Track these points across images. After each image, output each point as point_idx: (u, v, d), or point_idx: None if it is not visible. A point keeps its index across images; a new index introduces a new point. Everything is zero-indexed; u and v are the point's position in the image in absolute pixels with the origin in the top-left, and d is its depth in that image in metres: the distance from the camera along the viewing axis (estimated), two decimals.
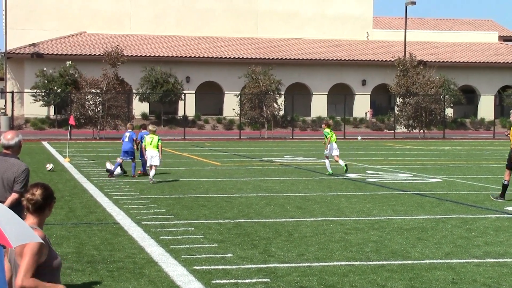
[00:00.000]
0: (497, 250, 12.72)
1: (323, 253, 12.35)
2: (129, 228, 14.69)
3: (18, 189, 9.04)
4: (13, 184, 9.11)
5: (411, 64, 61.34)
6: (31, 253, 5.85)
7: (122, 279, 10.48)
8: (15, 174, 9.13)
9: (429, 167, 30.15)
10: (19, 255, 5.94)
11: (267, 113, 58.99)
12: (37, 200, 6.09)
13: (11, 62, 67.03)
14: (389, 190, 21.61)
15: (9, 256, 6.08)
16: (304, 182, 23.70)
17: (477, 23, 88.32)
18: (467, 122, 71.16)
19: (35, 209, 6.10)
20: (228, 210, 17.21)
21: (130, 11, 71.93)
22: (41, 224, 6.13)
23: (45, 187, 6.20)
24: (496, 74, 73.86)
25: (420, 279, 10.60)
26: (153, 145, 23.88)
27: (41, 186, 6.19)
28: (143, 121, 64.45)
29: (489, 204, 18.70)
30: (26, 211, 6.11)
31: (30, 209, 6.10)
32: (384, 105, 73.26)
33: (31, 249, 5.86)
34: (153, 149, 23.82)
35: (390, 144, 49.14)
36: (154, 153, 23.75)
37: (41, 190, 6.14)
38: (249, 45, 71.59)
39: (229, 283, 10.27)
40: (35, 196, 6.09)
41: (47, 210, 6.16)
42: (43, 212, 6.14)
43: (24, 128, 61.13)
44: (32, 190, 6.13)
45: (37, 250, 5.88)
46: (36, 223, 6.09)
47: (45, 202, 6.12)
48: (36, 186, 6.18)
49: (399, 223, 15.46)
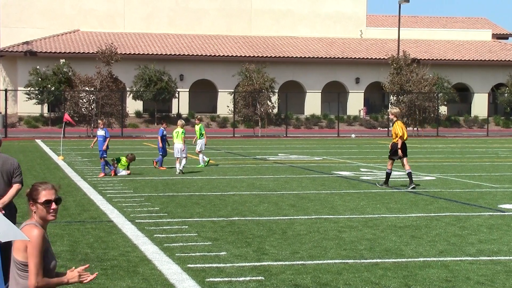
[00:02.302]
0: (491, 248, 12.74)
1: (317, 251, 12.35)
2: (122, 226, 14.68)
3: (19, 180, 9.51)
4: (12, 176, 9.48)
5: (404, 62, 61.38)
6: (37, 252, 5.84)
7: (116, 277, 10.47)
8: (13, 167, 9.56)
9: (422, 165, 30.18)
10: (17, 248, 5.92)
11: (261, 111, 59.01)
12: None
13: (4, 60, 66.89)
14: (383, 188, 21.62)
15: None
16: (298, 180, 23.71)
17: (470, 21, 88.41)
18: (461, 120, 71.24)
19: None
20: (222, 208, 17.20)
21: (124, 9, 71.83)
22: (44, 223, 6.12)
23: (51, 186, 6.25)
24: (489, 72, 73.95)
25: (414, 277, 10.61)
26: (179, 138, 26.13)
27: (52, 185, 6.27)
28: (136, 119, 64.46)
29: (482, 202, 18.73)
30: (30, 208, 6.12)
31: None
32: (378, 103, 73.30)
33: (34, 247, 5.84)
34: (179, 142, 25.99)
35: (384, 142, 49.17)
36: (180, 146, 25.91)
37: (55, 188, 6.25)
38: (243, 43, 71.57)
39: (223, 281, 10.27)
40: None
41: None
42: None
43: (18, 126, 61.04)
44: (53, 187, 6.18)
45: (41, 246, 5.87)
46: (38, 221, 6.07)
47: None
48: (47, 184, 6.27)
49: (393, 221, 15.47)
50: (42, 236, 5.95)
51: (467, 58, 73.46)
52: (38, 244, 5.87)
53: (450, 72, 71.12)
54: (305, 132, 63.73)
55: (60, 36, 69.15)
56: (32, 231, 5.93)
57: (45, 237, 5.99)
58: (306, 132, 63.82)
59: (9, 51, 65.40)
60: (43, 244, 5.93)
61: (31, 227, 5.96)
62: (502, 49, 76.86)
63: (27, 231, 5.91)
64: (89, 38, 69.24)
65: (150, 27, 72.35)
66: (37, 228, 5.94)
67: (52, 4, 70.09)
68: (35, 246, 5.86)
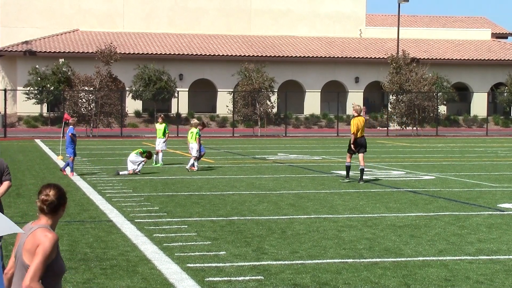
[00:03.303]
0: (490, 247, 12.75)
1: (316, 250, 12.36)
2: (122, 226, 14.68)
3: (10, 178, 10.03)
4: (2, 175, 9.92)
5: (404, 62, 61.36)
6: (43, 254, 5.80)
7: (115, 277, 10.48)
8: (3, 166, 9.99)
9: (422, 164, 30.18)
10: (27, 251, 5.89)
11: (260, 111, 58.99)
12: (52, 200, 6.01)
13: (4, 60, 66.86)
14: (382, 188, 21.64)
15: (16, 251, 6.04)
16: (297, 180, 23.71)
17: (470, 21, 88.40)
18: (460, 119, 71.24)
19: (50, 210, 6.02)
20: (221, 208, 17.20)
21: (123, 9, 71.81)
22: (54, 225, 6.06)
23: (58, 187, 6.09)
24: (489, 72, 73.94)
25: (413, 276, 10.62)
26: (193, 138, 27.12)
27: (53, 186, 6.08)
28: (136, 119, 64.44)
29: (482, 201, 18.74)
30: (40, 212, 6.04)
31: (45, 210, 6.01)
32: (377, 103, 73.29)
33: (43, 250, 5.81)
34: (193, 142, 26.97)
35: (383, 141, 49.18)
36: (195, 145, 26.86)
37: (54, 190, 6.05)
38: (242, 43, 71.55)
39: (223, 281, 10.27)
40: (49, 197, 6.01)
41: (61, 210, 6.07)
42: (57, 213, 6.06)
43: (17, 126, 61.02)
44: (46, 191, 6.04)
45: (49, 252, 5.84)
46: (50, 224, 6.03)
47: (59, 202, 6.03)
48: (49, 187, 6.08)
49: (392, 221, 15.47)
50: (56, 242, 5.93)
51: (467, 57, 73.45)
52: (49, 248, 5.84)
53: (449, 71, 71.10)
54: (305, 131, 63.72)
55: (59, 35, 69.13)
56: (49, 234, 5.89)
57: (58, 244, 5.98)
58: (306, 131, 63.81)
59: (9, 50, 65.38)
60: (54, 250, 5.91)
61: (47, 230, 5.93)
62: (502, 49, 76.85)
63: (42, 233, 5.88)
64: (89, 37, 69.21)
65: (150, 26, 72.32)
66: (53, 233, 5.93)
67: (52, 3, 70.06)
68: (46, 249, 5.82)
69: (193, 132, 27.22)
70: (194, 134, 27.12)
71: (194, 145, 26.96)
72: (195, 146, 26.93)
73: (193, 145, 27.01)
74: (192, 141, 27.10)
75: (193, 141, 27.04)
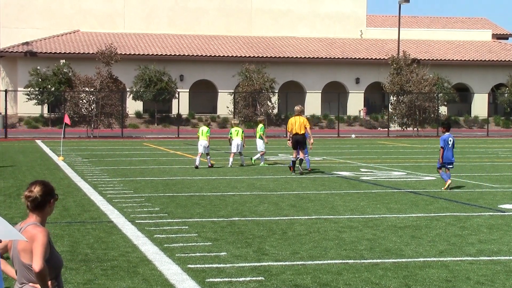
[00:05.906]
0: (491, 248, 12.74)
1: (317, 251, 12.35)
2: (123, 226, 14.68)
3: None
4: None
5: (404, 62, 61.36)
6: (42, 244, 5.80)
7: (116, 278, 10.48)
8: None
9: (423, 165, 30.18)
10: (23, 251, 5.90)
11: (261, 112, 58.98)
12: (35, 197, 5.96)
13: (4, 61, 66.90)
14: (383, 188, 21.64)
15: (12, 253, 6.04)
16: (298, 180, 23.71)
17: (470, 21, 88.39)
18: (461, 120, 71.23)
19: (34, 207, 5.97)
20: (222, 209, 17.20)
21: (123, 9, 71.83)
22: (43, 222, 6.02)
23: (45, 184, 6.04)
24: (489, 72, 73.95)
25: (414, 277, 10.61)
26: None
27: (40, 183, 6.03)
28: (137, 120, 64.41)
29: (482, 202, 18.73)
30: (27, 209, 6.03)
31: (29, 206, 5.98)
32: (378, 103, 73.30)
33: (41, 241, 5.81)
34: (204, 139, 27.77)
35: (384, 142, 49.18)
36: (204, 142, 27.72)
37: (39, 187, 5.99)
38: (243, 44, 71.56)
39: (223, 282, 10.27)
40: (33, 193, 5.97)
41: (47, 207, 6.00)
42: (43, 210, 6.00)
43: (18, 127, 61.04)
44: (31, 188, 6.01)
45: (46, 243, 5.86)
46: (38, 221, 6.00)
47: (44, 199, 5.97)
48: (35, 184, 6.04)
49: (393, 221, 15.47)
50: (49, 235, 5.94)
51: (467, 58, 73.45)
52: (45, 239, 5.85)
53: (450, 72, 71.11)
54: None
55: (60, 36, 69.15)
56: (39, 228, 5.90)
57: (50, 237, 5.99)
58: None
59: (9, 51, 65.41)
60: (49, 240, 5.92)
61: (36, 226, 5.94)
62: (502, 49, 76.86)
63: (33, 229, 5.88)
64: (89, 38, 69.24)
65: (150, 27, 72.35)
66: (43, 227, 5.93)
67: (52, 4, 70.08)
68: (42, 240, 5.82)
69: (204, 130, 27.88)
70: (204, 132, 27.82)
71: (205, 142, 27.62)
72: (205, 143, 27.60)
73: (203, 142, 27.65)
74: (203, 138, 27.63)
75: (204, 138, 27.63)
